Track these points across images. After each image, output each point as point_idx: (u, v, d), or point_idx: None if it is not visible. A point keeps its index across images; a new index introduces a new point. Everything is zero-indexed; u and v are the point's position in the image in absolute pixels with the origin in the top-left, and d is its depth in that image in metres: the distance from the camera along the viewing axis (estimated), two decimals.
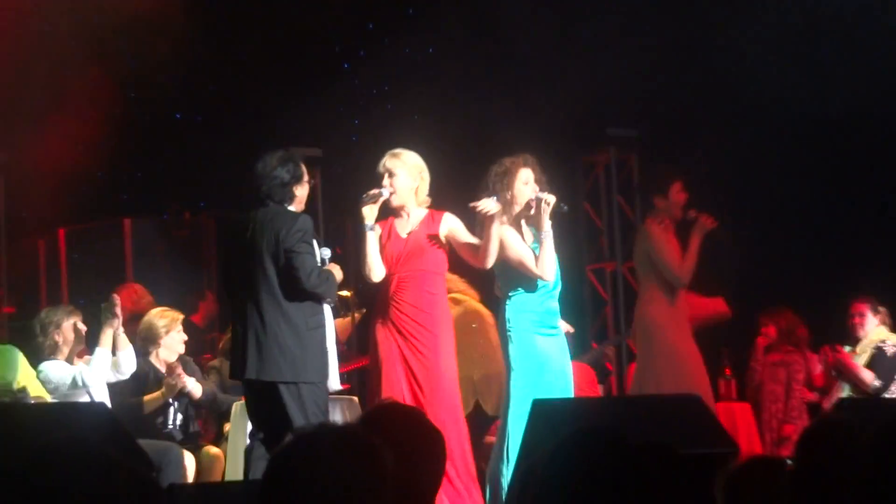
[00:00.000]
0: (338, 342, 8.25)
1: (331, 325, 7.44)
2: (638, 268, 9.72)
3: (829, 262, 10.98)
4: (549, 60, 11.67)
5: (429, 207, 7.97)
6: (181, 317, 9.22)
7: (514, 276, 7.86)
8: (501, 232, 7.80)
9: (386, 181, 7.84)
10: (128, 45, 10.88)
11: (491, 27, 11.93)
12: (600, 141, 12.31)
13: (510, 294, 7.87)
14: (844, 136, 11.01)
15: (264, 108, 11.89)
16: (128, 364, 8.51)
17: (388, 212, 7.93)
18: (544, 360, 7.79)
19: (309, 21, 12.15)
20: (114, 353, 8.43)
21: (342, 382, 8.09)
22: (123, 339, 8.51)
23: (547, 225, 7.80)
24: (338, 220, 10.02)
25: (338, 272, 7.46)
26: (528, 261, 7.79)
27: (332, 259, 7.65)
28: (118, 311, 8.36)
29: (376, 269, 7.80)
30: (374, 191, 7.81)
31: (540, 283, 7.83)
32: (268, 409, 7.21)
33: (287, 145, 9.17)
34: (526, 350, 7.79)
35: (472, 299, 9.49)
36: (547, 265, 7.79)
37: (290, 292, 7.19)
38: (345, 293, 8.16)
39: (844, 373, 9.83)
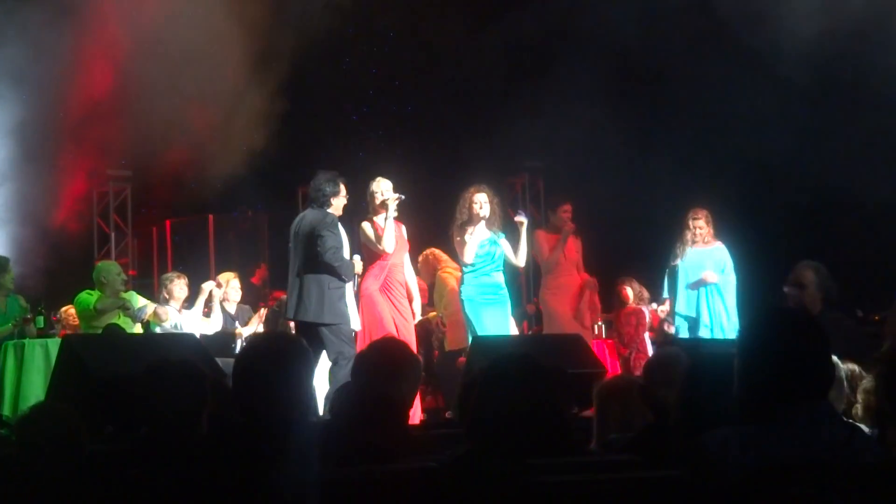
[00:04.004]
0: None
1: (350, 289, 7.29)
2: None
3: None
4: (489, 115, 11.66)
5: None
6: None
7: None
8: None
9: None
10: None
11: (454, 94, 12.00)
12: (519, 169, 12.39)
13: (465, 270, 7.91)
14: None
15: (300, 141, 11.75)
16: (217, 321, 8.57)
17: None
18: (482, 312, 7.81)
19: (331, 91, 12.16)
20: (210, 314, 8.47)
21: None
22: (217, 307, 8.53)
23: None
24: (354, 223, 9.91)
25: (358, 265, 7.36)
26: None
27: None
28: (205, 286, 8.43)
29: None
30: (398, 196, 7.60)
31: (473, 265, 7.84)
32: (309, 339, 7.01)
33: (316, 168, 9.07)
34: (473, 307, 7.84)
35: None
36: (521, 253, 7.95)
37: (318, 263, 7.10)
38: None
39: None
